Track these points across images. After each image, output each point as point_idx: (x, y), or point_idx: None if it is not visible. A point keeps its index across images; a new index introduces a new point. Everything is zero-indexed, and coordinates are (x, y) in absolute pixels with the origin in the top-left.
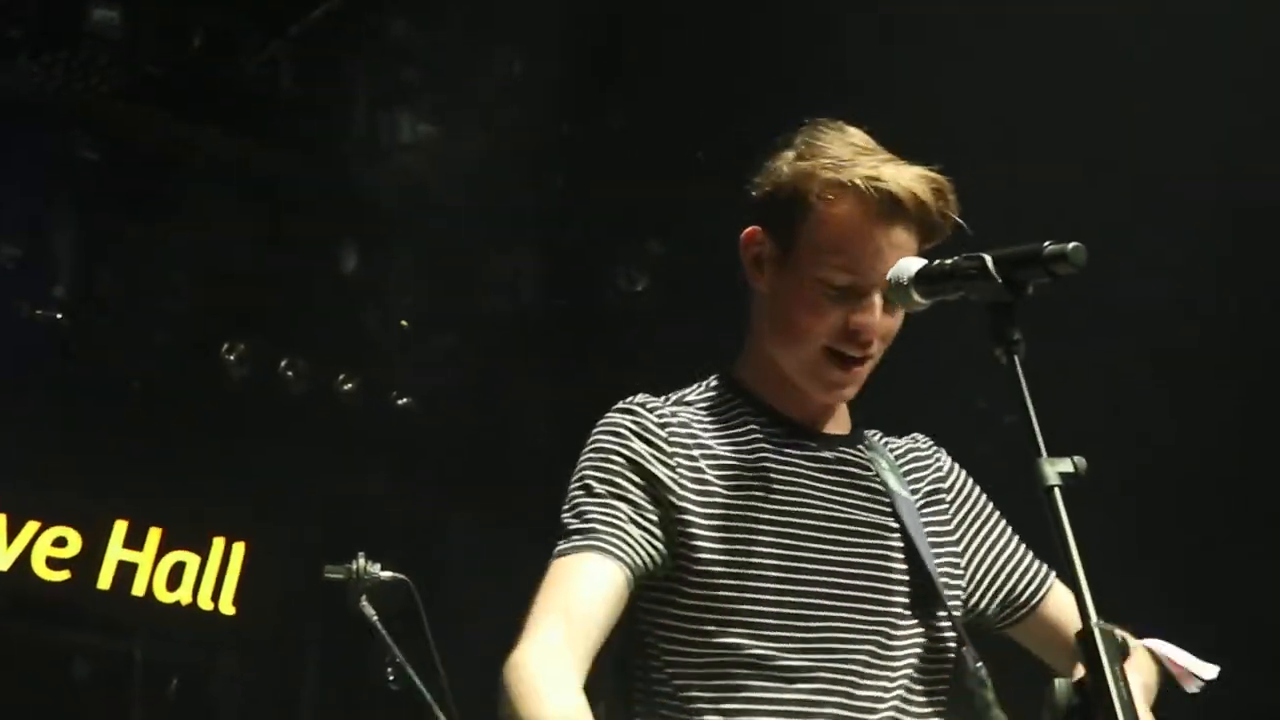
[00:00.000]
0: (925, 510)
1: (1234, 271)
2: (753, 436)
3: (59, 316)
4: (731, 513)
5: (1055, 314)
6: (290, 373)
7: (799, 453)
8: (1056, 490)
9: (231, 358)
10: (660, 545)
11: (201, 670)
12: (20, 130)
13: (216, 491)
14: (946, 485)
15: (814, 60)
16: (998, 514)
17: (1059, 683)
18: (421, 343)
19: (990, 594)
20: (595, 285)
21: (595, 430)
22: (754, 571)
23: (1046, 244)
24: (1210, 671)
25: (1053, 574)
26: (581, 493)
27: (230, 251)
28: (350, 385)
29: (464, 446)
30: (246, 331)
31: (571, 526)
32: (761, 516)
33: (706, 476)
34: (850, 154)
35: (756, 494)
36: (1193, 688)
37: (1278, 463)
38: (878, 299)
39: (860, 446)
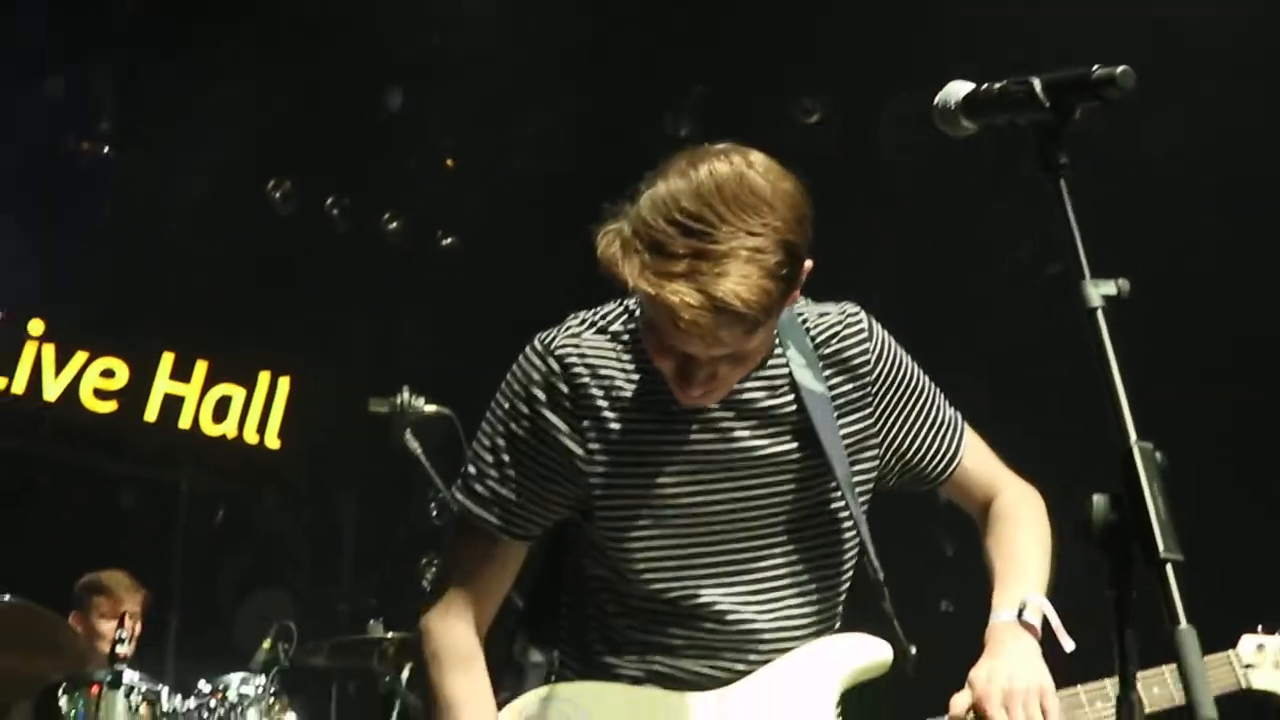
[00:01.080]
0: (842, 404)
1: None
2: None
3: (106, 150)
4: (641, 470)
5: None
6: (336, 210)
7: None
8: (1100, 312)
9: (278, 195)
10: (566, 509)
11: (246, 502)
12: None
13: (262, 326)
14: (872, 372)
15: None
16: (919, 390)
17: (1097, 498)
18: (466, 182)
19: (900, 472)
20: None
21: (513, 374)
22: (661, 522)
23: (1095, 67)
24: (1068, 645)
25: (963, 449)
26: (488, 453)
27: (276, 90)
28: (395, 224)
29: (504, 284)
30: (292, 169)
31: (475, 487)
32: (667, 461)
33: (612, 429)
34: (666, 239)
35: (661, 441)
36: (1068, 647)
37: None
38: (702, 373)
39: (763, 374)
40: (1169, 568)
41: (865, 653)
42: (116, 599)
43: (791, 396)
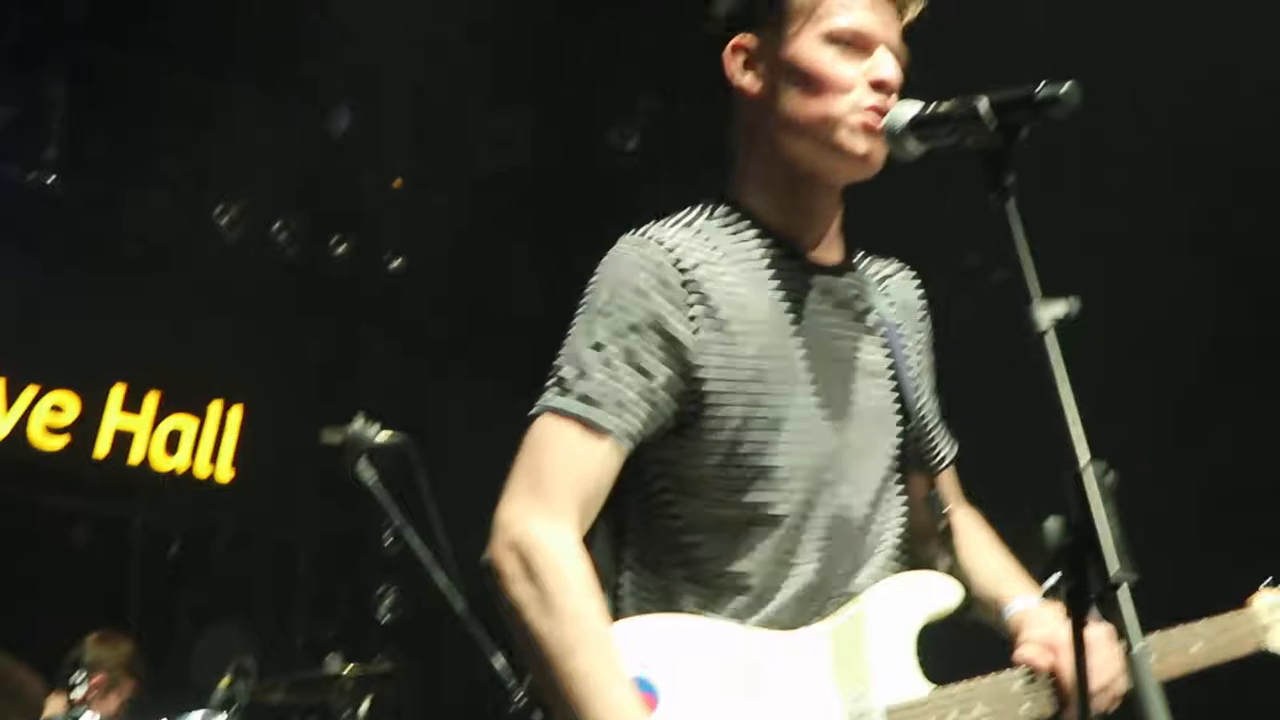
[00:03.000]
0: (904, 340)
1: None
2: (769, 273)
3: (52, 179)
4: (753, 366)
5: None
6: (284, 235)
7: (820, 288)
8: (1050, 334)
9: (224, 220)
10: (669, 414)
11: (200, 535)
12: None
13: (213, 354)
14: (921, 324)
15: None
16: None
17: (1050, 522)
18: (414, 204)
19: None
20: (587, 143)
21: (609, 266)
22: (775, 429)
23: (1039, 85)
24: None
25: (947, 455)
26: (590, 346)
27: (223, 111)
28: (344, 247)
29: (456, 307)
30: (240, 193)
31: (577, 386)
32: (782, 367)
33: (728, 327)
34: None
35: (778, 344)
36: None
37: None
38: (884, 52)
39: (856, 275)
40: (1122, 589)
41: (943, 593)
42: (100, 669)
43: (876, 321)
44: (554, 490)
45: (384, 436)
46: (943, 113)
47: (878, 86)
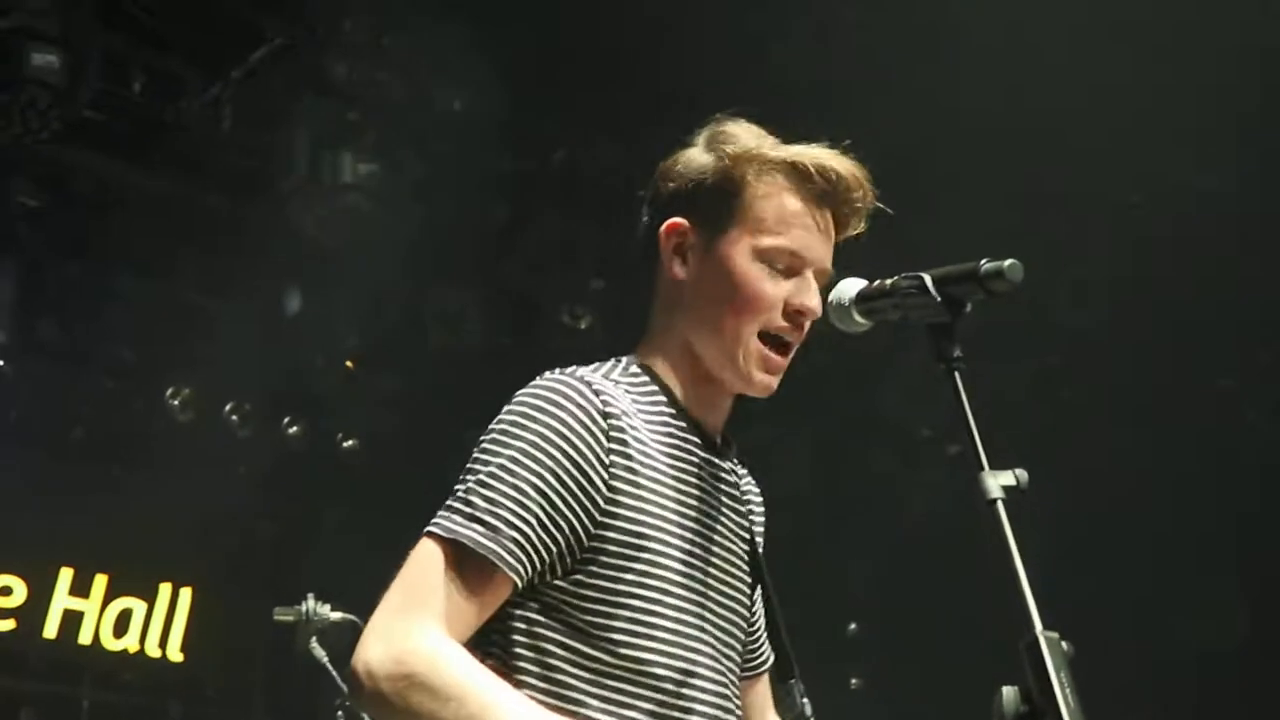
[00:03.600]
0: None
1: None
2: (671, 432)
3: (1, 363)
4: (652, 527)
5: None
6: (235, 416)
7: (711, 471)
8: (1000, 503)
9: (176, 402)
10: (565, 555)
11: (151, 716)
12: None
13: (162, 536)
14: (761, 528)
15: (748, 86)
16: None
17: (1006, 691)
18: (366, 383)
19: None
20: (539, 322)
21: (535, 397)
22: (666, 588)
23: (983, 261)
24: None
25: (770, 660)
26: (502, 472)
27: (173, 294)
28: (296, 428)
29: (409, 485)
30: (191, 375)
31: (480, 510)
32: (676, 535)
33: (638, 481)
34: (769, 140)
35: (675, 511)
36: None
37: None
38: (812, 279)
39: (733, 464)
40: None
41: None
42: None
43: (746, 516)
44: (430, 611)
45: (336, 615)
46: (888, 287)
47: (797, 313)
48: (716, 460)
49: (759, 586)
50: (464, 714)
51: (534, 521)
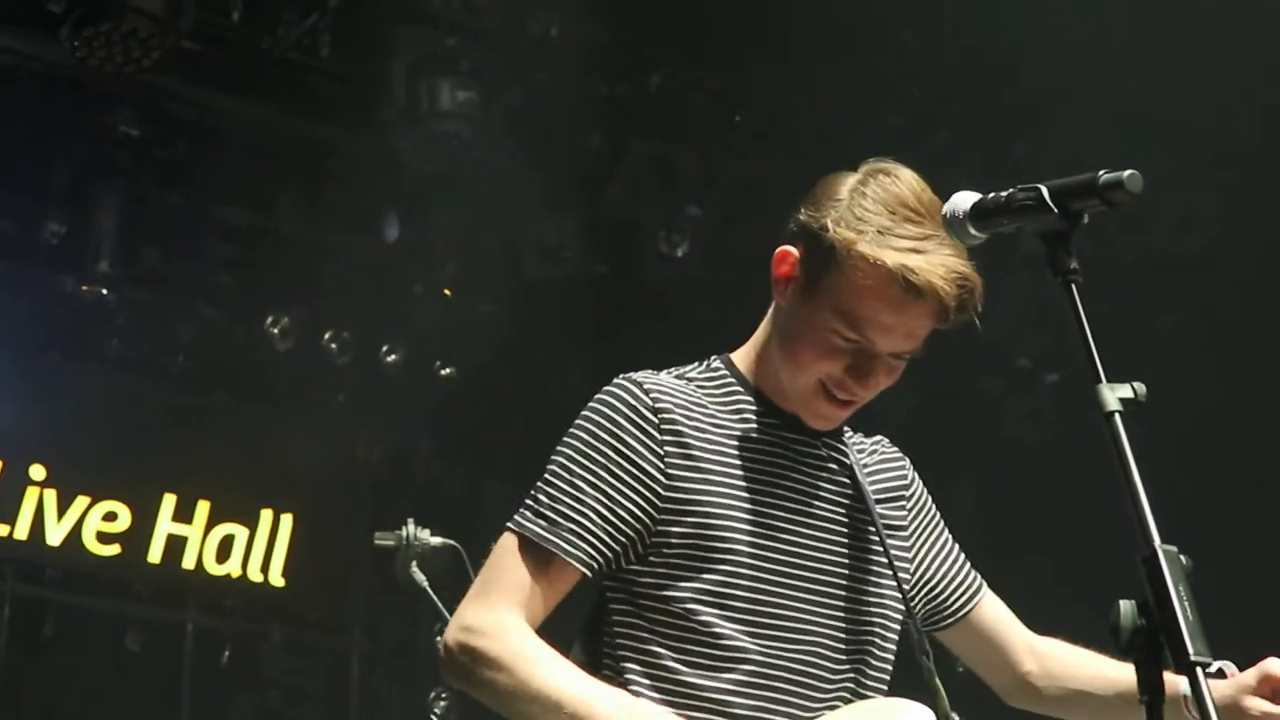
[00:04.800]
0: (884, 506)
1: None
2: (746, 418)
3: (104, 291)
4: (716, 498)
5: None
6: (334, 345)
7: (787, 443)
8: (1117, 415)
9: (276, 330)
10: (627, 541)
11: (253, 641)
12: (62, 106)
13: (264, 463)
14: (908, 492)
15: (847, 26)
16: (945, 528)
17: (1124, 604)
18: (464, 312)
19: (924, 598)
20: (636, 251)
21: (590, 405)
22: (732, 557)
23: (1102, 172)
24: None
25: (984, 588)
26: (562, 471)
27: (273, 223)
28: (394, 356)
29: (506, 415)
30: (290, 304)
31: (543, 506)
32: (743, 502)
33: (696, 456)
34: (891, 224)
35: (741, 478)
36: None
37: None
38: (878, 365)
39: (839, 441)
40: (1200, 671)
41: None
42: None
43: (852, 482)
44: (500, 594)
45: (436, 540)
46: (1004, 199)
47: (840, 388)
48: (805, 438)
49: (924, 539)
50: (514, 681)
51: (590, 514)
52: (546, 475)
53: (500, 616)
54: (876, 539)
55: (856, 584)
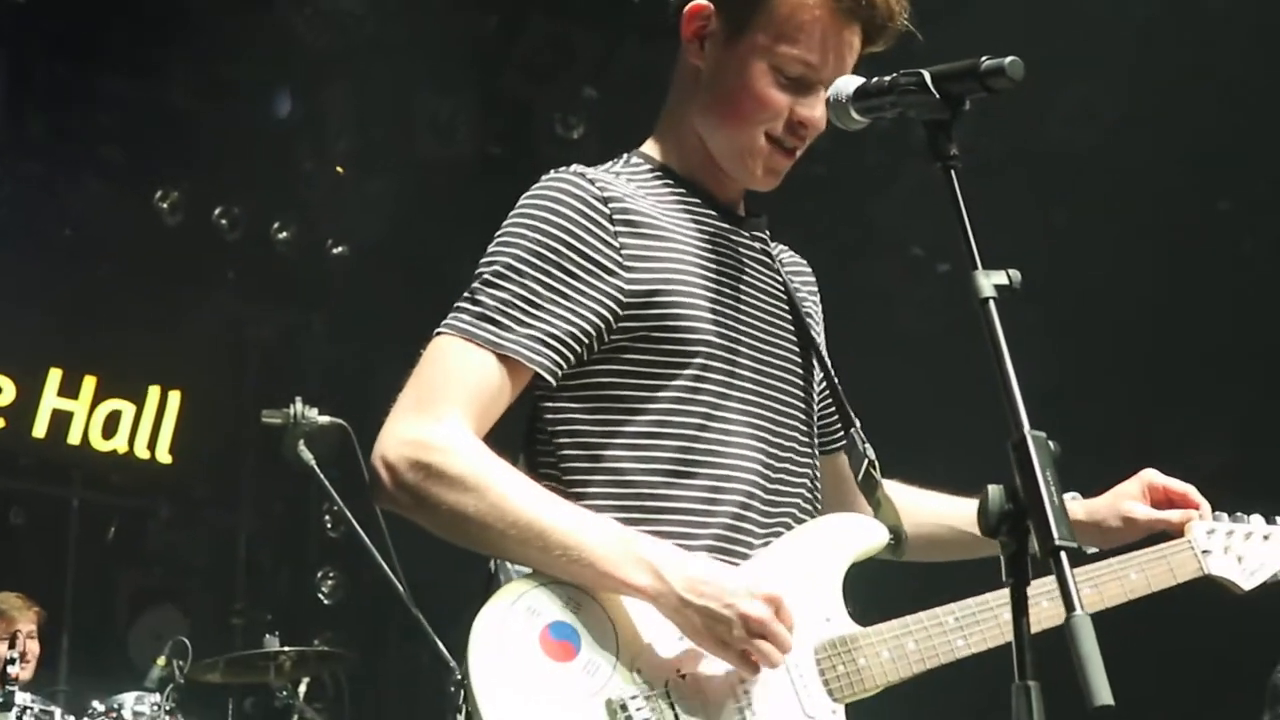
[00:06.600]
0: (805, 305)
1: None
2: (687, 208)
3: None
4: (677, 291)
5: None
6: (225, 221)
7: (724, 234)
8: (991, 302)
9: (165, 205)
10: (588, 340)
11: (139, 517)
12: None
13: (151, 340)
14: (816, 299)
15: None
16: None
17: (992, 489)
18: (356, 189)
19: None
20: (531, 132)
21: (533, 196)
22: (703, 349)
23: (984, 58)
24: None
25: (848, 437)
26: (508, 271)
27: (163, 96)
28: (286, 233)
29: (398, 293)
30: (180, 178)
31: (490, 309)
32: (703, 292)
33: (651, 246)
34: None
35: (695, 268)
36: None
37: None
38: (823, 94)
39: (760, 230)
40: (1063, 554)
41: (869, 533)
42: (9, 620)
43: (781, 275)
44: (447, 404)
45: (324, 419)
46: (887, 84)
47: (799, 125)
48: (737, 228)
49: (814, 351)
50: (484, 505)
51: (549, 315)
52: (488, 275)
53: (453, 429)
54: (806, 334)
55: (805, 378)
